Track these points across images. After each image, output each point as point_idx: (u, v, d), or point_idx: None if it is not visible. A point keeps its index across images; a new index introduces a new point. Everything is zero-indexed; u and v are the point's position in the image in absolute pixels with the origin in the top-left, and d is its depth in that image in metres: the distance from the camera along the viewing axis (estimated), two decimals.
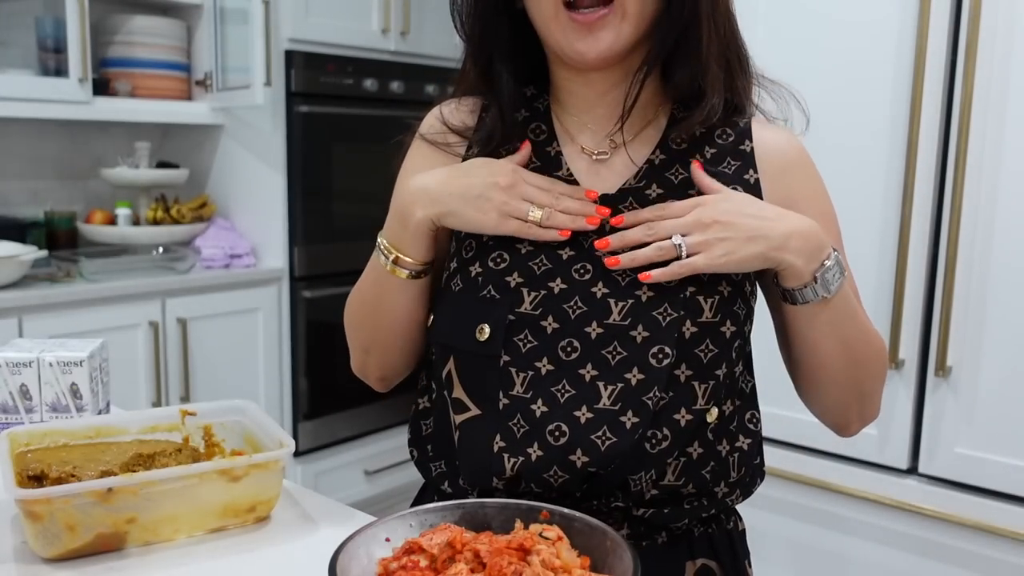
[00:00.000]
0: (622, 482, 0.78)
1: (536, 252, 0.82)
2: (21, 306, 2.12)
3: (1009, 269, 1.69)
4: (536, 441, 0.78)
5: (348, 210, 2.79)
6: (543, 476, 0.77)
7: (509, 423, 0.79)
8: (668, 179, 0.85)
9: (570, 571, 0.61)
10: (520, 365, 0.79)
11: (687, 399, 0.78)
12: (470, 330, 0.81)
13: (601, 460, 0.76)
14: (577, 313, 0.79)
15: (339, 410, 2.85)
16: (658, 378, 0.77)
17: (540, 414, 0.78)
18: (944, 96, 1.74)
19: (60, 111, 2.34)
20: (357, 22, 2.76)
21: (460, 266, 0.85)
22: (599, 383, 0.78)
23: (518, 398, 0.79)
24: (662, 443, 0.77)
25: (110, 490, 0.77)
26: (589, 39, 0.79)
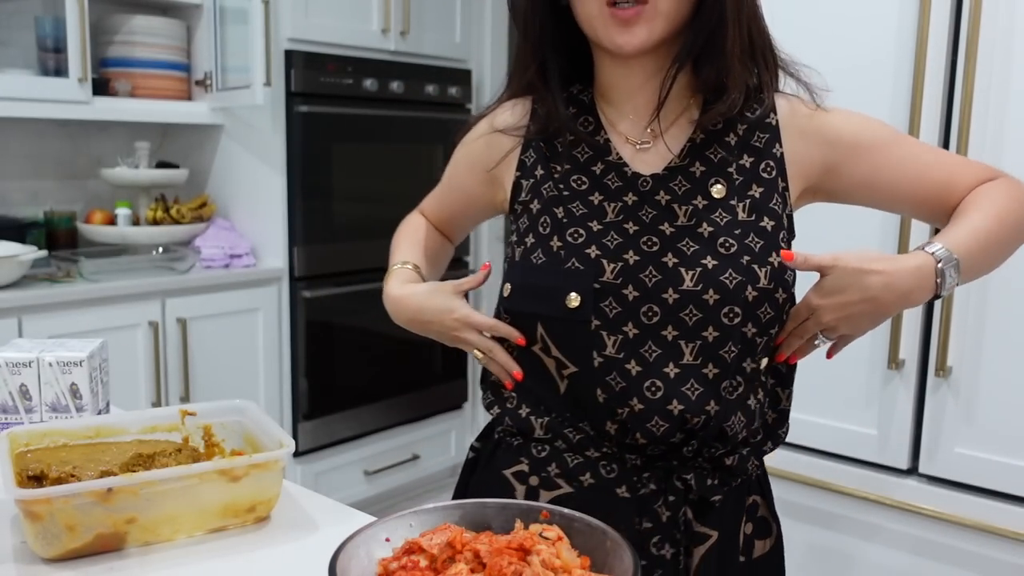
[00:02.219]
0: (719, 431, 0.91)
1: (606, 229, 0.93)
2: (21, 306, 2.12)
3: (1009, 270, 1.69)
4: (635, 396, 0.90)
5: (348, 210, 2.79)
6: (647, 426, 0.90)
7: (607, 379, 0.91)
8: (708, 157, 0.96)
9: (570, 571, 0.61)
10: (609, 329, 0.91)
11: (752, 352, 0.92)
12: (559, 299, 0.91)
13: (693, 407, 0.90)
14: (654, 281, 0.90)
15: (339, 410, 2.85)
16: (731, 334, 0.89)
17: (635, 372, 0.90)
18: (944, 96, 1.74)
19: (60, 111, 2.34)
20: (357, 22, 2.76)
21: (539, 241, 0.95)
22: (680, 341, 0.90)
23: (611, 358, 0.91)
24: (737, 389, 0.92)
25: (110, 490, 0.77)
26: (627, 33, 0.89)
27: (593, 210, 0.95)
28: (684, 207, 0.93)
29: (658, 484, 0.93)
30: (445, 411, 3.24)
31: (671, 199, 0.93)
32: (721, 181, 0.94)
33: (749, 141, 0.95)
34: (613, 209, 0.94)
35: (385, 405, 2.99)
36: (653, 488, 0.93)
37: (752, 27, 0.93)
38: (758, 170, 0.94)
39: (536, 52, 0.99)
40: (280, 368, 2.72)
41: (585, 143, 0.98)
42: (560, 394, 0.95)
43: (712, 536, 0.94)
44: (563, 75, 1.00)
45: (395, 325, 1.08)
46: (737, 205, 0.93)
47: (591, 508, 0.85)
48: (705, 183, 0.94)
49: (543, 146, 1.00)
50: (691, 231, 0.92)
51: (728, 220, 0.92)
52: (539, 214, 0.97)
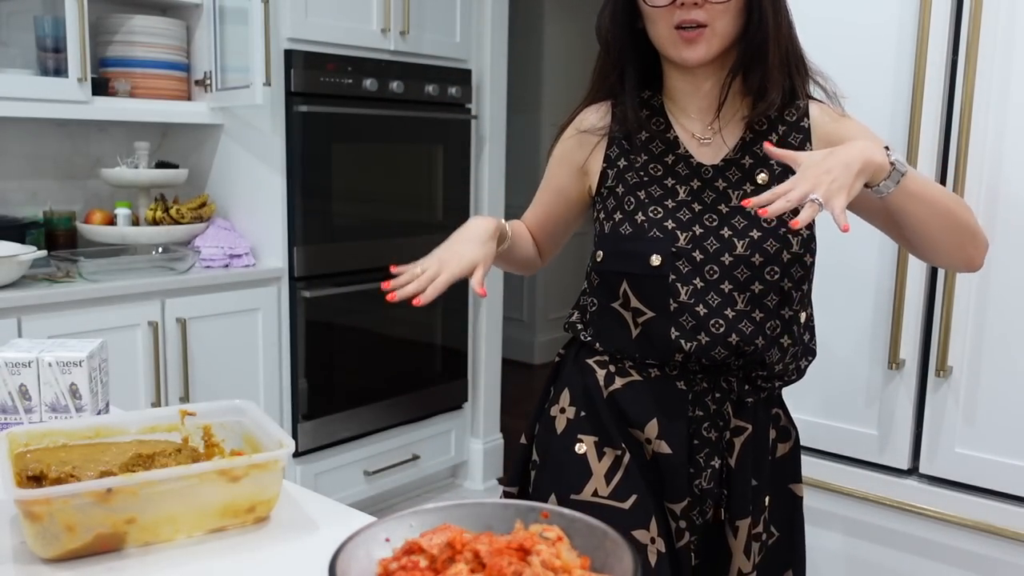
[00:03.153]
0: (761, 359, 1.18)
1: (678, 207, 1.19)
2: (20, 306, 2.12)
3: (1009, 270, 1.69)
4: (703, 331, 1.16)
5: (348, 210, 2.79)
6: (711, 353, 1.16)
7: (680, 319, 1.16)
8: (756, 152, 1.20)
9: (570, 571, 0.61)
10: (683, 281, 1.16)
11: (789, 301, 1.18)
12: (645, 258, 1.17)
13: (747, 339, 1.16)
14: (714, 248, 1.16)
15: (339, 410, 2.85)
16: (772, 287, 1.16)
17: (703, 313, 1.16)
18: (945, 97, 1.74)
19: (59, 111, 2.34)
20: (357, 22, 2.76)
21: (626, 216, 1.21)
22: (735, 293, 1.16)
23: (684, 303, 1.16)
24: (776, 330, 1.18)
25: (109, 490, 0.77)
26: (691, 50, 1.14)
27: (667, 191, 1.20)
28: (736, 192, 1.18)
29: (708, 383, 1.20)
30: (445, 411, 3.24)
31: (727, 185, 1.19)
32: (765, 171, 1.19)
33: (787, 139, 1.20)
34: (684, 191, 1.20)
35: (385, 405, 2.99)
36: (705, 386, 1.20)
37: (788, 42, 1.17)
38: None
39: (617, 63, 1.23)
40: (280, 368, 2.72)
41: (658, 139, 1.22)
42: (632, 339, 1.21)
43: (747, 428, 1.21)
44: (638, 82, 1.23)
45: (395, 325, 1.15)
46: None
47: (656, 394, 1.20)
48: (753, 173, 1.19)
49: (624, 141, 1.24)
50: (742, 211, 1.17)
51: None
52: (624, 195, 1.22)
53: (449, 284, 1.11)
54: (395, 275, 1.13)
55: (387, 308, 2.92)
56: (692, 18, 1.11)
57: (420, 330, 3.08)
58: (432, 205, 3.07)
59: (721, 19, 1.12)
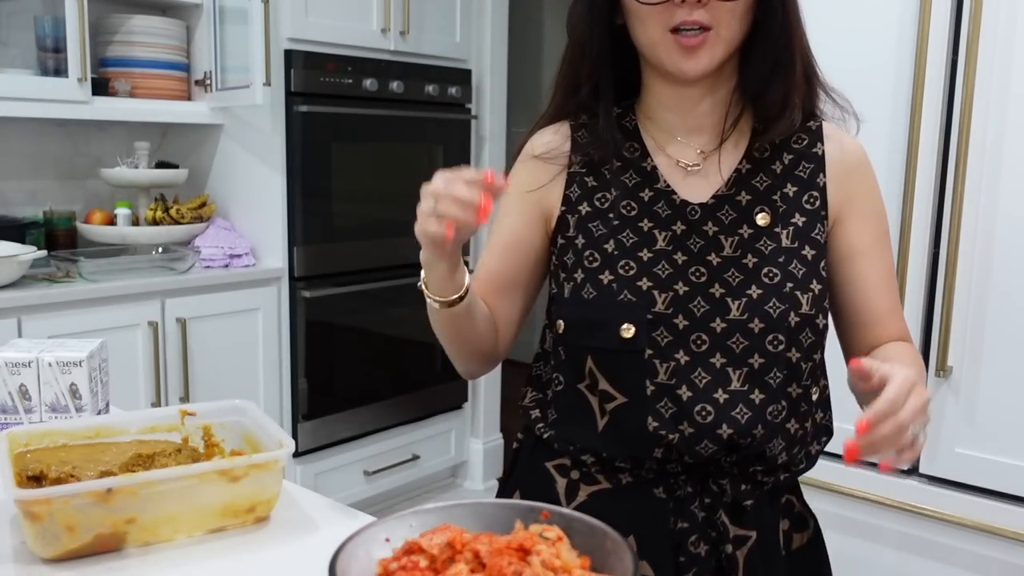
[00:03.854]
0: (760, 452, 0.94)
1: (656, 259, 0.95)
2: (20, 306, 2.12)
3: (1009, 270, 1.69)
4: (686, 420, 0.92)
5: (348, 210, 2.79)
6: (695, 448, 0.92)
7: (657, 406, 0.93)
8: (754, 186, 0.98)
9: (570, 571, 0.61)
10: (662, 357, 0.93)
11: (797, 376, 0.94)
12: (613, 330, 0.93)
13: (742, 431, 0.92)
14: (702, 311, 0.93)
15: (339, 410, 2.85)
16: (776, 360, 0.92)
17: (686, 398, 0.92)
18: (945, 97, 1.74)
19: (59, 111, 2.34)
20: (357, 22, 2.76)
21: (588, 276, 0.96)
22: (728, 368, 0.92)
23: (663, 385, 0.93)
24: (781, 414, 0.94)
25: (110, 490, 0.77)
26: (691, 59, 0.91)
27: (643, 237, 0.96)
28: (730, 238, 0.95)
29: (694, 487, 0.95)
30: (445, 411, 3.24)
31: (718, 230, 0.96)
32: (766, 209, 0.96)
33: (794, 170, 0.98)
34: (664, 238, 0.96)
35: (385, 405, 2.99)
36: (689, 491, 0.95)
37: (806, 50, 0.97)
38: (801, 200, 0.97)
39: (593, 71, 0.99)
40: (280, 368, 2.72)
41: (632, 169, 0.99)
42: (598, 432, 0.96)
43: (751, 536, 0.96)
44: (615, 95, 1.01)
45: (395, 325, 1.09)
46: (781, 232, 0.96)
47: (629, 505, 0.96)
48: (751, 212, 0.96)
49: (588, 177, 1.00)
50: (736, 262, 0.94)
51: (772, 248, 0.95)
52: (584, 248, 0.97)
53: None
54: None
55: (387, 308, 2.92)
56: (694, 19, 0.89)
57: (420, 330, 3.07)
58: None
59: (728, 21, 0.90)
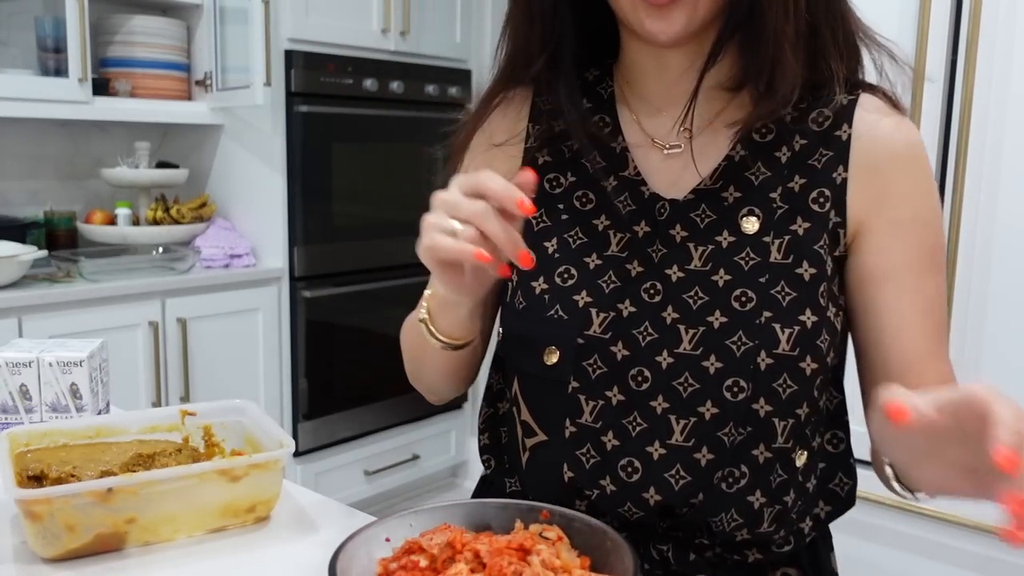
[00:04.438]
0: (703, 522, 0.74)
1: (605, 267, 0.76)
2: (21, 306, 2.12)
3: (1009, 269, 1.69)
4: (608, 475, 0.75)
5: (348, 210, 2.79)
6: (618, 510, 0.75)
7: (577, 452, 0.75)
8: (747, 180, 0.76)
9: (570, 571, 0.61)
10: (589, 392, 0.75)
11: (767, 435, 0.72)
12: (537, 353, 0.76)
13: (676, 498, 0.73)
14: (647, 340, 0.74)
15: (339, 410, 2.85)
16: (734, 413, 0.71)
17: (611, 447, 0.74)
18: (944, 97, 1.74)
19: (60, 111, 2.34)
20: (357, 22, 2.76)
21: (522, 280, 0.78)
22: (671, 416, 0.73)
23: (587, 427, 0.75)
24: (740, 481, 0.73)
25: (110, 490, 0.77)
26: (662, 19, 0.71)
27: (594, 239, 0.77)
28: (701, 247, 0.74)
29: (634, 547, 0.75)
30: (445, 411, 3.24)
31: (688, 236, 0.75)
32: (756, 212, 0.75)
33: (806, 159, 0.75)
34: (618, 241, 0.77)
35: (385, 405, 2.99)
36: None
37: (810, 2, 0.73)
38: (807, 199, 0.75)
39: (547, 34, 0.77)
40: (280, 368, 2.72)
41: (598, 149, 0.78)
42: (522, 466, 0.81)
43: None
44: (577, 59, 0.79)
45: (395, 325, 0.95)
46: (772, 243, 0.74)
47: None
48: (736, 214, 0.75)
49: (542, 154, 0.81)
50: (703, 278, 0.74)
51: (754, 263, 0.74)
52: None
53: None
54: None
55: (387, 308, 2.92)
56: None
57: None
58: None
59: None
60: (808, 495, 0.77)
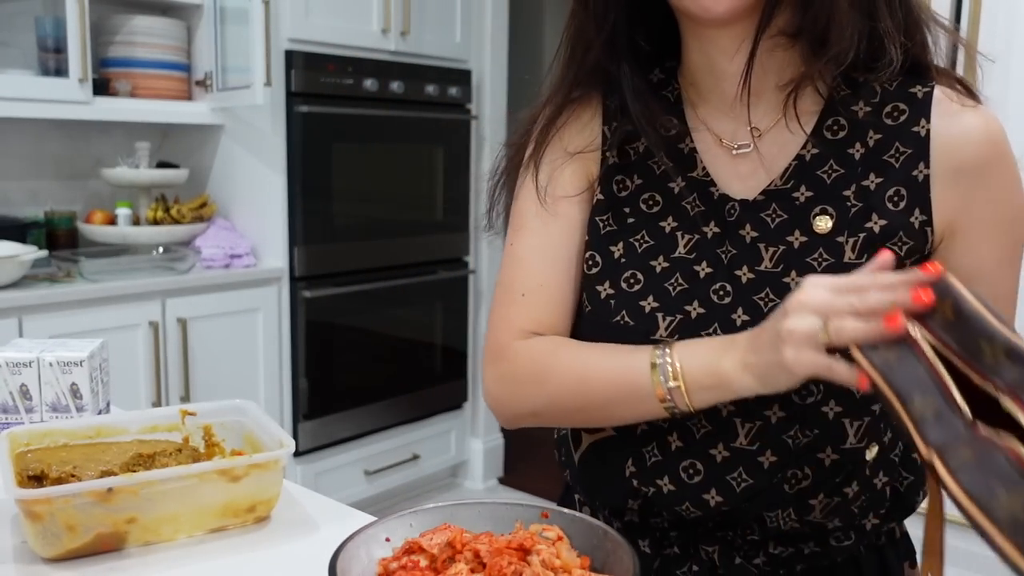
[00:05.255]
0: (757, 516, 0.74)
1: (672, 269, 0.75)
2: (21, 306, 2.12)
3: None
4: (667, 474, 0.75)
5: (348, 210, 2.79)
6: (674, 508, 0.75)
7: (643, 449, 0.76)
8: (819, 178, 0.73)
9: (570, 571, 0.61)
10: None
11: (836, 437, 0.71)
12: None
13: (736, 500, 0.73)
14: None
15: (339, 410, 2.85)
16: (800, 415, 0.71)
17: (675, 448, 0.74)
18: None
19: (60, 111, 2.34)
20: (357, 22, 2.76)
21: (588, 284, 0.78)
22: (736, 419, 0.72)
23: (654, 426, 0.75)
24: (802, 482, 0.72)
25: (110, 490, 0.77)
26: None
27: (661, 242, 0.76)
28: (772, 248, 0.73)
29: (683, 547, 0.78)
30: (445, 411, 3.24)
31: (759, 236, 0.73)
32: (829, 210, 0.72)
33: (881, 155, 0.73)
34: (686, 243, 0.75)
35: (385, 405, 2.99)
36: (677, 551, 0.78)
37: None
38: (883, 196, 0.72)
39: (601, 21, 0.76)
40: (280, 368, 2.72)
41: (665, 150, 0.77)
42: (575, 462, 0.81)
43: None
44: (638, 52, 0.78)
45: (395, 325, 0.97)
46: (845, 243, 0.72)
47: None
48: (808, 213, 0.73)
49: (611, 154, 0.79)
50: (774, 280, 0.72)
51: (827, 264, 0.71)
52: (587, 249, 0.79)
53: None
54: None
55: (387, 308, 2.92)
56: None
57: (420, 330, 3.08)
58: (432, 205, 3.07)
59: None
60: (875, 490, 0.75)
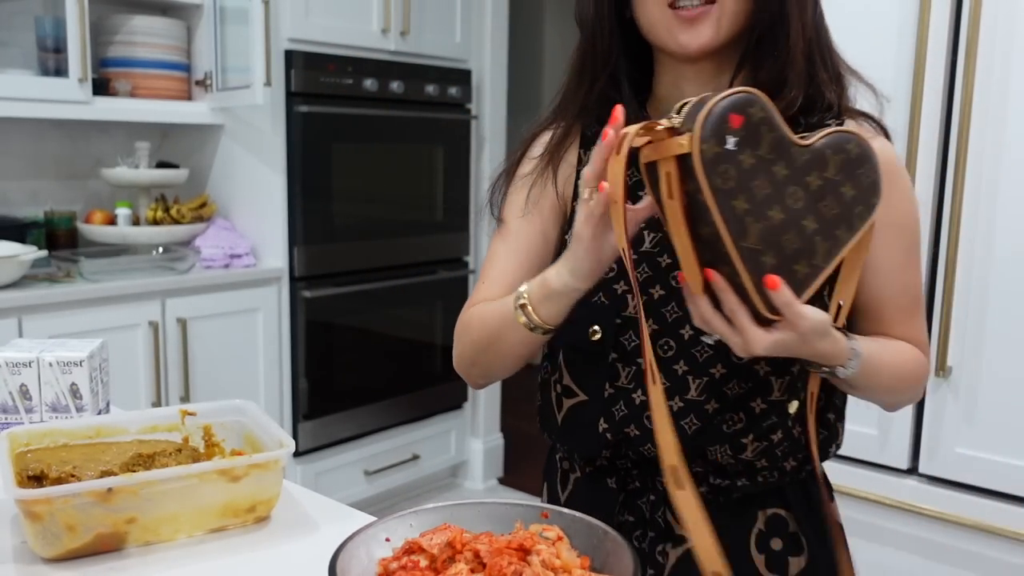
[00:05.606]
0: (701, 452, 0.92)
1: (639, 260, 0.93)
2: (21, 306, 2.12)
3: (1009, 269, 1.69)
4: (633, 423, 0.93)
5: (348, 210, 2.79)
6: (639, 449, 0.94)
7: (612, 408, 0.94)
8: None
9: (570, 571, 0.61)
10: (625, 361, 0.93)
11: (764, 390, 0.91)
12: (583, 331, 0.93)
13: (687, 440, 0.91)
14: (673, 317, 0.91)
15: (339, 410, 2.85)
16: (737, 372, 0.90)
17: (639, 402, 0.93)
18: (944, 96, 1.74)
19: (60, 111, 2.34)
20: (357, 22, 2.76)
21: None
22: (689, 377, 0.91)
23: (622, 388, 0.93)
24: (736, 425, 0.91)
25: (110, 490, 0.77)
26: (691, 32, 0.88)
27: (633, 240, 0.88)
28: None
29: (642, 482, 0.96)
30: (445, 411, 3.24)
31: None
32: None
33: None
34: (651, 240, 0.93)
35: (385, 405, 2.99)
36: (637, 485, 0.96)
37: (815, 28, 0.90)
38: None
39: (606, 60, 0.96)
40: (280, 368, 2.72)
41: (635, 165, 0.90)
42: (558, 425, 0.99)
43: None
44: (633, 81, 0.97)
45: (395, 325, 1.06)
46: None
47: (590, 495, 0.98)
48: None
49: None
50: None
51: None
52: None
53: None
54: None
55: (387, 308, 2.92)
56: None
57: (420, 330, 3.08)
58: (432, 205, 3.07)
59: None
60: (794, 439, 0.93)
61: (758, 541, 0.96)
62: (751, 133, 0.75)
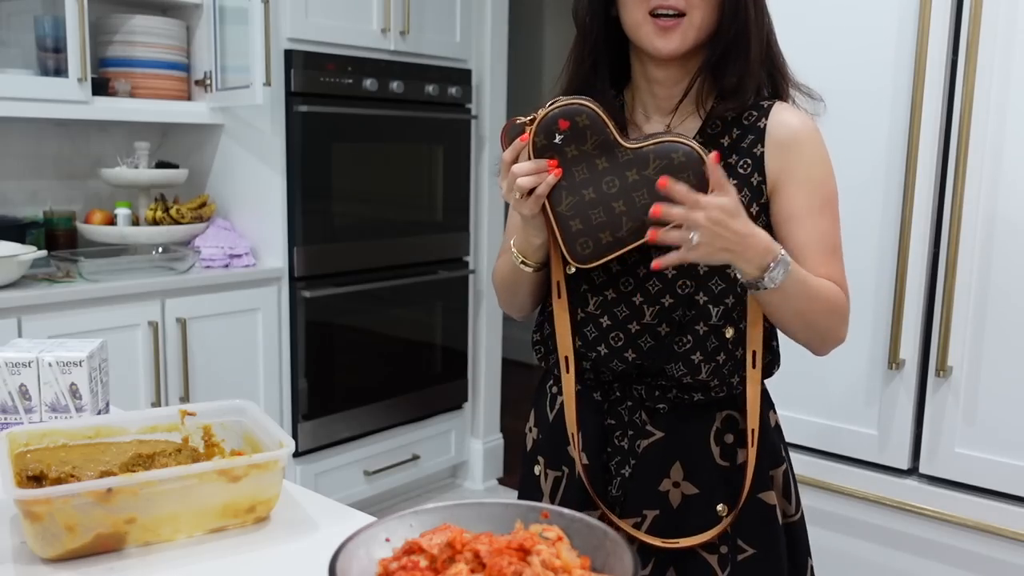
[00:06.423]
0: (660, 369, 1.14)
1: None
2: (20, 306, 2.12)
3: (1010, 269, 1.69)
4: (603, 343, 1.16)
5: (348, 210, 2.79)
6: (608, 365, 1.16)
7: (584, 330, 1.17)
8: None
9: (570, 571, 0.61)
10: (594, 292, 1.16)
11: (705, 316, 1.12)
12: (563, 268, 1.16)
13: (644, 356, 1.14)
14: (632, 259, 1.13)
15: (339, 410, 2.85)
16: (683, 301, 1.12)
17: (605, 325, 1.15)
18: (945, 96, 1.74)
19: (59, 111, 2.34)
20: (357, 22, 2.76)
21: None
22: (644, 305, 1.13)
23: (591, 314, 1.16)
24: (685, 346, 1.13)
25: (110, 490, 0.77)
26: (665, 39, 1.09)
27: None
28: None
29: (622, 392, 1.18)
30: (445, 411, 3.24)
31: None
32: None
33: (740, 143, 1.13)
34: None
35: (385, 405, 2.99)
36: (618, 395, 1.19)
37: (769, 39, 1.13)
38: (736, 166, 1.13)
39: (592, 51, 1.17)
40: (280, 368, 2.72)
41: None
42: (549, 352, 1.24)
43: (656, 435, 1.17)
44: (611, 72, 1.19)
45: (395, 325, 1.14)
46: None
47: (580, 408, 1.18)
48: None
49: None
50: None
51: None
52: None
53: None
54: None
55: (387, 308, 2.92)
56: (670, 4, 1.07)
57: (420, 330, 3.08)
58: (432, 205, 3.07)
59: (699, 9, 1.07)
60: (736, 359, 1.15)
61: (716, 436, 1.17)
62: (577, 134, 1.04)
